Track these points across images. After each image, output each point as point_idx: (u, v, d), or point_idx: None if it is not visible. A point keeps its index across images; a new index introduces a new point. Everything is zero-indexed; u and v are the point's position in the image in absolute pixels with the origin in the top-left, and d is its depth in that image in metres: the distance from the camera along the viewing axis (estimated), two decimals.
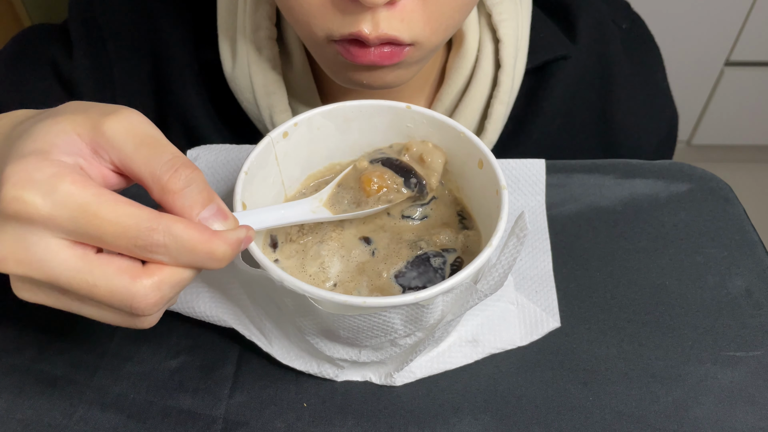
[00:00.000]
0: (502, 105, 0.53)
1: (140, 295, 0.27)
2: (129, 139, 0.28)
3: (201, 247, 0.28)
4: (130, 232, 0.27)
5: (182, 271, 0.28)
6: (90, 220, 0.26)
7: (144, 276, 0.28)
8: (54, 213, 0.26)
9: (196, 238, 0.28)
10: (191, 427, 0.38)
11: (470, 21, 0.52)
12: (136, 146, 0.28)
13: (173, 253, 0.27)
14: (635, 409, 0.39)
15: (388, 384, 0.40)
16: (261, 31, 0.51)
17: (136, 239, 0.27)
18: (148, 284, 0.27)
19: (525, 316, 0.42)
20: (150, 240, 0.27)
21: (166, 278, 0.28)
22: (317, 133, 0.41)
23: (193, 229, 0.28)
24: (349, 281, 0.38)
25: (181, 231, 0.27)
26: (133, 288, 0.27)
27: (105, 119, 0.29)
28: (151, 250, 0.27)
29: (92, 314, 0.29)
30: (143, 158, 0.28)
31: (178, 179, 0.28)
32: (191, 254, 0.28)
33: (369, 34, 0.39)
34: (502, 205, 0.36)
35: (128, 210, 0.27)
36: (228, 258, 0.29)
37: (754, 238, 0.47)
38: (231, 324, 0.40)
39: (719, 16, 1.43)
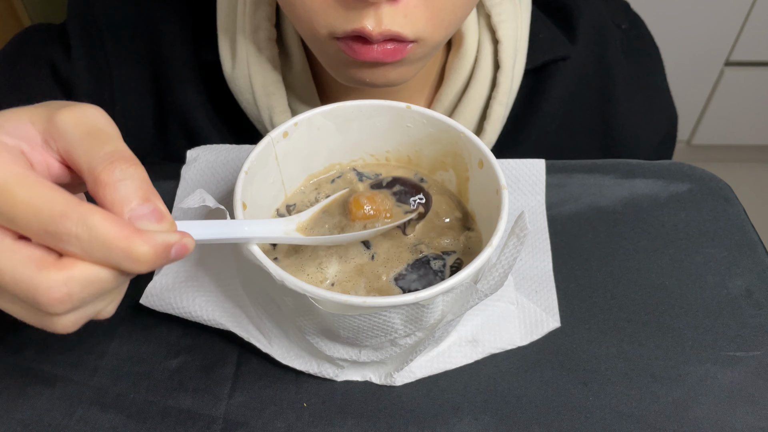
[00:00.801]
0: (501, 106, 0.53)
1: (43, 288, 0.25)
2: (76, 130, 0.28)
3: (117, 243, 0.25)
4: (42, 216, 0.25)
5: (97, 270, 0.26)
6: (5, 198, 0.25)
7: (53, 268, 0.25)
8: None
9: (112, 233, 0.25)
10: (191, 427, 0.38)
11: (469, 22, 0.52)
12: (81, 136, 0.28)
13: (85, 245, 0.25)
14: (635, 409, 0.39)
15: (388, 384, 0.40)
16: (260, 32, 0.51)
17: (47, 225, 0.25)
18: (55, 277, 0.25)
19: (525, 316, 0.42)
20: (61, 227, 0.25)
21: (77, 275, 0.26)
22: (317, 133, 0.41)
23: (111, 222, 0.25)
24: (347, 281, 0.38)
25: (97, 222, 0.25)
26: (36, 278, 0.25)
27: (60, 110, 0.28)
28: (61, 238, 0.25)
29: (4, 307, 0.27)
30: (84, 148, 0.27)
31: (112, 171, 0.27)
32: (105, 249, 0.25)
33: (372, 30, 0.39)
34: (502, 205, 0.36)
35: (45, 193, 0.25)
36: (148, 261, 0.26)
37: (754, 238, 0.47)
38: (228, 327, 0.40)
39: (719, 16, 1.43)
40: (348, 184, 0.43)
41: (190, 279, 0.41)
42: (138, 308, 0.41)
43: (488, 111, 0.54)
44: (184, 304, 0.40)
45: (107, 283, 0.27)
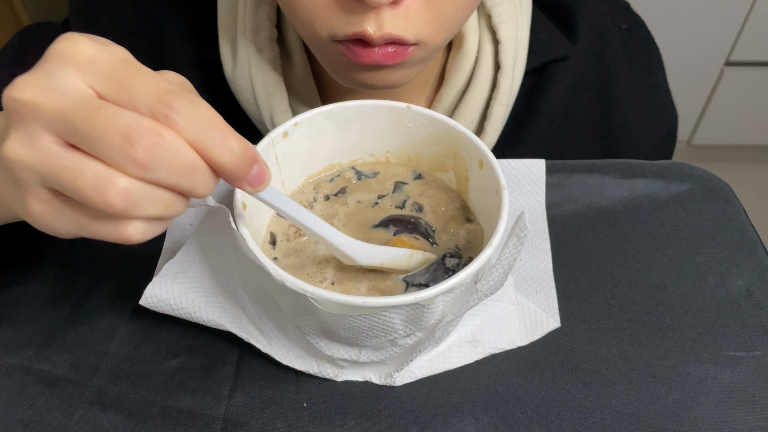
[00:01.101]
0: (501, 106, 0.53)
1: (142, 127, 0.26)
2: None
3: (218, 124, 0.27)
4: (159, 88, 0.26)
5: (185, 147, 0.27)
6: (128, 69, 0.27)
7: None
8: (98, 57, 0.27)
9: (216, 117, 0.27)
10: (191, 427, 0.38)
11: (470, 22, 0.52)
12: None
13: (190, 117, 0.26)
14: (635, 409, 0.39)
15: (388, 384, 0.40)
16: (261, 32, 0.51)
17: (161, 95, 0.26)
18: (153, 125, 0.26)
19: (525, 316, 0.42)
20: (174, 98, 0.26)
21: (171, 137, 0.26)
22: (317, 133, 0.41)
23: (215, 112, 0.27)
24: (348, 280, 0.38)
25: (204, 105, 0.27)
26: (138, 118, 0.26)
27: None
28: (172, 106, 0.26)
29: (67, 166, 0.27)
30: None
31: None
32: (206, 128, 0.27)
33: (373, 34, 0.39)
34: (502, 205, 0.36)
35: (159, 76, 0.27)
36: (236, 157, 0.27)
37: (754, 238, 0.47)
38: (228, 327, 0.40)
39: (719, 16, 1.43)
40: (346, 182, 0.43)
41: (189, 280, 0.41)
42: (138, 309, 0.41)
43: (489, 111, 0.54)
44: (183, 305, 0.40)
45: (187, 167, 0.27)
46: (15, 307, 0.43)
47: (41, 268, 0.45)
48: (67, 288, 0.44)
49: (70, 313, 0.43)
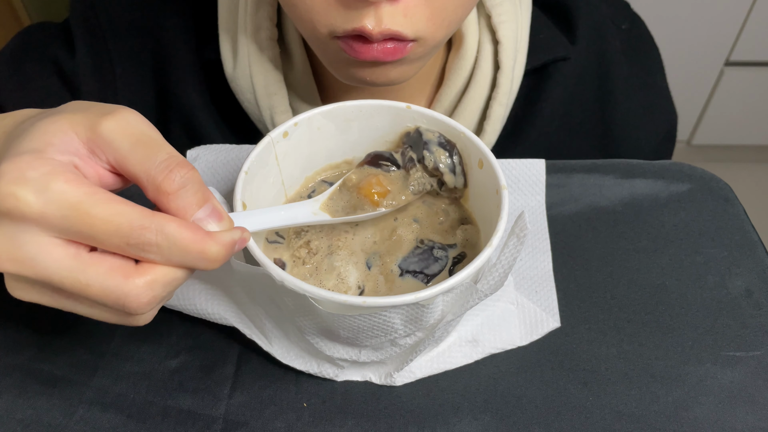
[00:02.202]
0: (500, 106, 0.53)
1: (133, 295, 0.27)
2: (125, 139, 0.28)
3: (193, 246, 0.28)
4: (122, 230, 0.26)
5: (175, 271, 0.28)
6: (82, 218, 0.26)
7: (136, 275, 0.27)
8: (46, 210, 0.26)
9: (188, 238, 0.27)
10: (191, 427, 0.38)
11: (470, 22, 0.52)
12: (131, 145, 0.28)
13: (165, 252, 0.27)
14: (635, 409, 0.39)
15: (388, 384, 0.40)
16: (262, 32, 0.51)
17: (128, 238, 0.27)
18: (141, 283, 0.27)
19: (525, 316, 0.42)
20: (142, 239, 0.27)
21: (159, 277, 0.28)
22: (317, 133, 0.41)
23: (186, 228, 0.28)
24: (368, 280, 0.38)
25: (174, 230, 0.27)
26: (125, 287, 0.27)
27: (102, 119, 0.28)
28: (143, 248, 0.27)
29: (86, 312, 0.29)
30: (138, 158, 0.28)
31: (172, 180, 0.28)
32: (184, 254, 0.28)
33: (372, 29, 0.39)
34: (502, 205, 0.36)
35: (120, 208, 0.27)
36: (221, 259, 0.29)
37: (754, 238, 0.47)
38: (231, 322, 0.40)
39: (719, 16, 1.43)
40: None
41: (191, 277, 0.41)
42: None
43: (488, 111, 0.54)
44: (188, 296, 0.40)
45: (182, 280, 0.29)
46: (15, 307, 0.43)
47: None
48: None
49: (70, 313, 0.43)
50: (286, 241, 0.40)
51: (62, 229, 0.26)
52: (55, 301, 0.29)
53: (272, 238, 0.40)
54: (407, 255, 0.39)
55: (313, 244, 0.39)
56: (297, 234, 0.40)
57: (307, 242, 0.39)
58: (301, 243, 0.39)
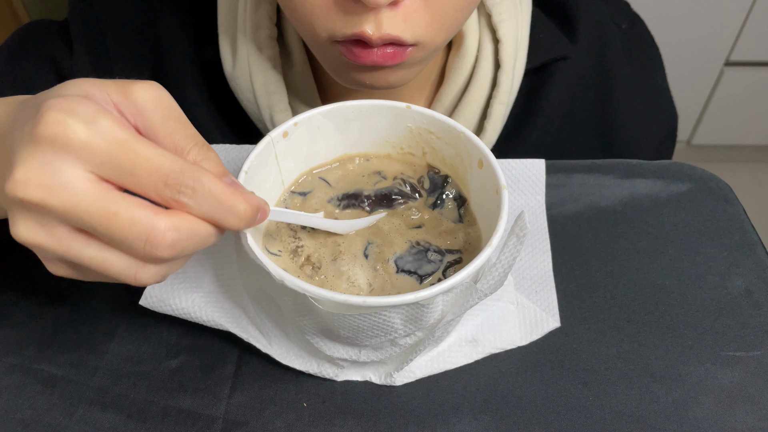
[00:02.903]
0: (501, 105, 0.53)
1: (160, 229, 0.27)
2: (158, 110, 0.30)
3: (225, 198, 0.28)
4: (164, 169, 0.27)
5: (201, 224, 0.29)
6: (126, 153, 0.27)
7: (166, 214, 0.28)
8: (92, 141, 0.26)
9: (222, 190, 0.28)
10: (191, 427, 0.38)
11: (470, 21, 0.52)
12: (163, 117, 0.30)
13: (198, 198, 0.28)
14: (635, 409, 0.39)
15: (388, 384, 0.40)
16: (261, 31, 0.51)
17: (167, 177, 0.27)
18: (170, 222, 0.27)
19: (525, 316, 0.42)
20: (180, 180, 0.27)
21: (187, 223, 0.28)
22: (317, 133, 0.41)
23: (220, 181, 0.29)
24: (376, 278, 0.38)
25: (209, 180, 0.28)
26: (154, 220, 0.27)
27: (134, 86, 0.30)
28: (179, 190, 0.28)
29: (95, 256, 0.29)
30: (169, 130, 0.30)
31: (197, 153, 0.30)
32: (215, 204, 0.28)
33: (372, 34, 0.39)
34: (502, 205, 0.36)
35: (163, 152, 0.28)
36: (247, 218, 0.30)
37: (754, 238, 0.47)
38: (228, 327, 0.40)
39: (719, 16, 1.43)
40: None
41: (189, 280, 0.41)
42: (138, 309, 0.41)
43: (489, 110, 0.54)
44: (183, 305, 0.40)
45: (206, 237, 0.29)
46: (15, 307, 0.43)
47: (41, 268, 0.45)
48: (67, 288, 0.44)
49: (70, 313, 0.43)
50: (284, 255, 0.39)
51: (104, 162, 0.27)
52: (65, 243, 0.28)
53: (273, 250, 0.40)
54: (403, 253, 0.39)
55: (314, 258, 0.39)
56: (294, 252, 0.39)
57: (308, 258, 0.39)
58: (302, 261, 0.39)
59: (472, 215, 0.42)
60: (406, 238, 0.40)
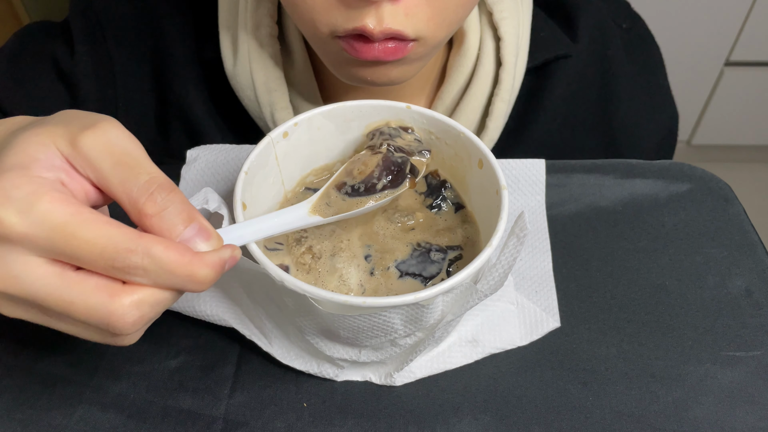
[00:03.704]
0: (503, 103, 0.53)
1: (118, 314, 0.26)
2: (106, 157, 0.28)
3: (181, 270, 0.27)
4: (107, 253, 0.26)
5: (162, 293, 0.27)
6: (67, 240, 0.26)
7: (123, 294, 0.27)
8: (30, 232, 0.26)
9: (176, 261, 0.27)
10: (191, 427, 0.38)
11: (471, 19, 0.52)
12: (112, 165, 0.28)
13: (152, 275, 0.27)
14: (635, 409, 0.39)
15: (388, 384, 0.40)
16: (262, 29, 0.51)
17: (114, 261, 0.26)
18: (127, 303, 0.27)
19: (525, 316, 0.42)
20: (128, 262, 0.26)
21: (146, 298, 0.27)
22: (317, 133, 0.41)
23: (173, 250, 0.27)
24: (369, 282, 0.38)
25: (161, 253, 0.26)
26: (111, 306, 0.26)
27: (82, 133, 0.28)
28: (129, 272, 0.26)
29: (71, 331, 0.29)
30: (119, 179, 0.28)
31: (154, 202, 0.27)
32: (171, 276, 0.27)
33: (373, 29, 0.39)
34: (502, 205, 0.36)
35: (106, 230, 0.26)
36: (210, 281, 0.28)
37: (754, 238, 0.47)
38: (231, 323, 0.40)
39: (719, 16, 1.43)
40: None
41: None
42: None
43: (490, 108, 0.54)
44: (188, 297, 0.40)
45: (170, 301, 0.28)
46: None
47: None
48: None
49: None
50: (286, 247, 0.40)
51: (46, 249, 0.26)
52: (42, 319, 0.28)
53: (271, 246, 0.40)
54: (406, 258, 0.39)
55: (315, 249, 0.39)
56: (297, 241, 0.39)
57: (309, 248, 0.39)
58: (303, 249, 0.39)
59: (470, 214, 0.42)
60: (406, 242, 0.40)
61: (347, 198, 0.38)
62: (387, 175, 0.38)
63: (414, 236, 0.40)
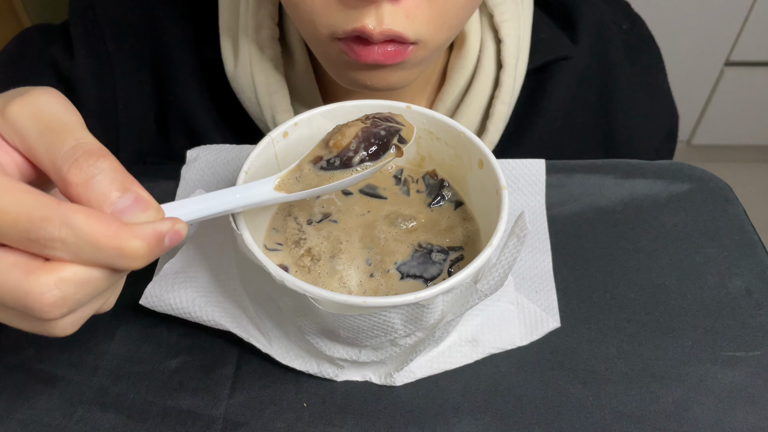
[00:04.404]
0: (504, 105, 0.53)
1: (35, 293, 0.24)
2: (33, 124, 0.25)
3: (106, 241, 0.24)
4: (21, 223, 0.23)
5: (89, 270, 0.24)
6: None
7: (41, 272, 0.24)
8: None
9: (99, 232, 0.24)
10: (191, 427, 0.38)
11: (472, 21, 0.52)
12: (39, 132, 0.25)
13: (72, 248, 0.23)
14: (635, 409, 0.39)
15: (388, 384, 0.40)
16: (263, 31, 0.51)
17: (27, 231, 0.23)
18: (45, 281, 0.24)
19: (525, 316, 0.42)
20: (43, 233, 0.23)
21: (69, 276, 0.24)
22: (317, 133, 0.41)
23: (97, 220, 0.24)
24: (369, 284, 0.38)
25: (82, 222, 0.23)
26: (26, 284, 0.24)
27: (10, 102, 0.26)
28: (45, 244, 0.23)
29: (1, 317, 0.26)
30: (45, 146, 0.25)
31: (79, 169, 0.25)
32: (95, 250, 0.24)
33: (373, 29, 0.39)
34: (502, 205, 0.36)
35: (21, 198, 0.23)
36: (143, 256, 0.25)
37: (754, 238, 0.47)
38: (228, 327, 0.40)
39: (719, 16, 1.43)
40: None
41: (189, 279, 0.41)
42: (138, 309, 0.41)
43: (491, 110, 0.54)
44: (183, 305, 0.40)
45: (102, 281, 0.25)
46: None
47: None
48: None
49: None
50: (285, 248, 0.40)
51: None
52: None
53: (271, 246, 0.40)
54: (407, 259, 0.39)
55: (315, 251, 0.39)
56: (296, 243, 0.40)
57: (308, 250, 0.39)
58: (302, 252, 0.39)
59: (470, 214, 0.42)
60: (407, 243, 0.40)
61: (321, 173, 0.35)
62: (366, 147, 0.35)
63: (416, 237, 0.40)
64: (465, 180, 0.42)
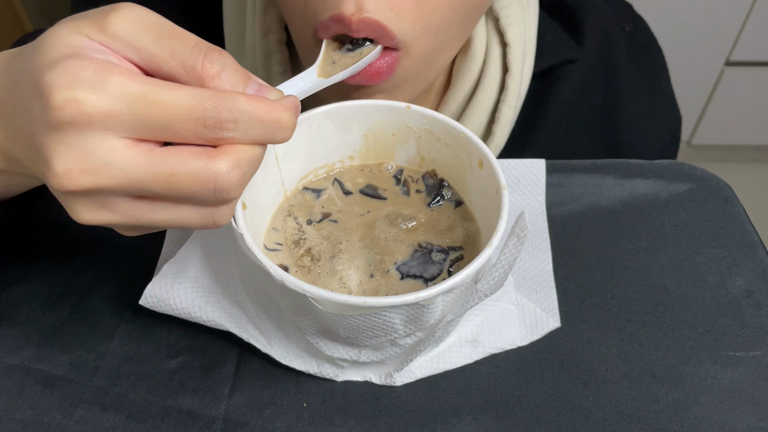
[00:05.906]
0: (509, 109, 0.53)
1: (223, 173, 0.26)
2: (143, 34, 0.26)
3: (268, 116, 0.27)
4: (196, 111, 0.25)
5: (254, 148, 0.27)
6: (151, 108, 0.25)
7: (222, 155, 0.26)
8: (113, 107, 0.24)
9: (261, 108, 0.26)
10: (191, 427, 0.38)
11: (478, 25, 0.52)
12: (154, 39, 0.26)
13: (243, 127, 0.26)
14: (635, 409, 0.39)
15: (388, 384, 0.40)
16: (271, 35, 0.51)
17: (204, 119, 0.25)
18: (227, 161, 0.26)
19: (525, 316, 0.42)
20: (218, 116, 0.25)
21: (243, 155, 0.26)
22: (317, 133, 0.41)
23: (255, 100, 0.26)
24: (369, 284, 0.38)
25: (245, 104, 0.26)
26: (214, 166, 0.26)
27: (108, 19, 0.26)
28: (221, 127, 0.26)
29: (167, 218, 0.27)
30: (168, 50, 0.26)
31: (212, 63, 0.27)
32: (261, 125, 0.26)
33: (351, 16, 0.37)
34: (502, 205, 0.36)
35: (188, 91, 0.25)
36: (292, 126, 0.28)
37: (754, 238, 0.47)
38: (228, 327, 0.40)
39: (719, 16, 1.43)
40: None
41: (189, 280, 0.41)
42: (138, 308, 0.41)
43: (497, 114, 0.53)
44: (183, 305, 0.40)
45: (261, 157, 0.28)
46: (15, 307, 0.43)
47: (41, 268, 0.45)
48: (67, 288, 0.44)
49: (70, 313, 0.43)
50: (285, 248, 0.40)
51: (132, 124, 0.25)
52: (131, 214, 0.27)
53: (271, 246, 0.40)
54: (407, 259, 0.39)
55: (314, 251, 0.39)
56: (296, 243, 0.40)
57: (308, 250, 0.39)
58: (302, 252, 0.39)
59: (470, 214, 0.42)
60: (407, 243, 0.40)
61: (348, 54, 0.39)
62: None
63: (416, 237, 0.40)
64: (465, 180, 0.42)
